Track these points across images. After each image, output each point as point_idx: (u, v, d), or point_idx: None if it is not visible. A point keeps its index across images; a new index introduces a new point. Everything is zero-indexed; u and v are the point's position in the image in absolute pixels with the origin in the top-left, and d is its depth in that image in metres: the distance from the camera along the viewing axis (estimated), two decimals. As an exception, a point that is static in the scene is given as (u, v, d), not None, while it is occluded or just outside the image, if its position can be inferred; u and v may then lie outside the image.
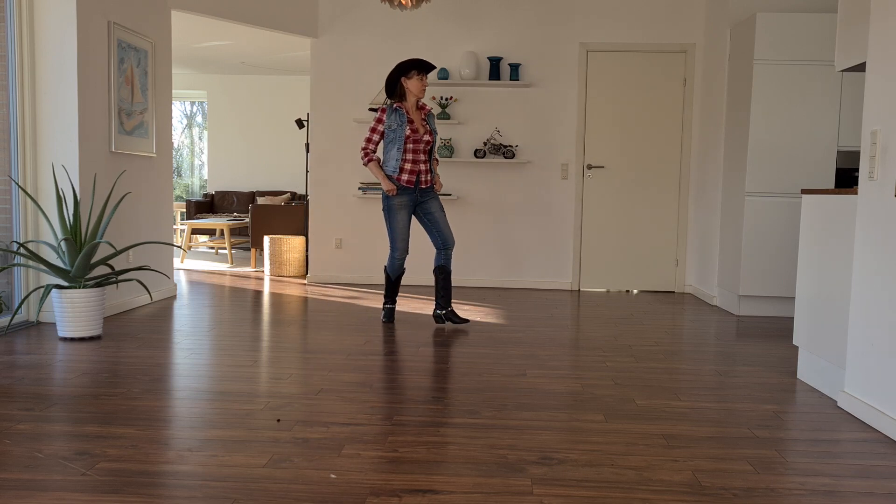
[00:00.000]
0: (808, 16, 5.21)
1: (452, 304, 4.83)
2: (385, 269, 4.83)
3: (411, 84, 4.60)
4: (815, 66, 5.23)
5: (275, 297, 5.94)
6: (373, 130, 4.62)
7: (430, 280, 6.74)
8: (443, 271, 4.73)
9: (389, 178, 4.61)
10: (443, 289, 4.74)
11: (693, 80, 6.52)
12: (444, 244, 4.73)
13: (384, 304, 4.90)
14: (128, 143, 5.15)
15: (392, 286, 4.86)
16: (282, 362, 3.71)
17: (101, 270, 4.83)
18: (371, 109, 6.61)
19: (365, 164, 4.64)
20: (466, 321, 4.80)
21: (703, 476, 2.32)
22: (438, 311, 4.77)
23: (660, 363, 3.86)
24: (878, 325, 2.87)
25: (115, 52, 4.94)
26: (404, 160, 4.60)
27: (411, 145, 4.59)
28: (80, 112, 4.59)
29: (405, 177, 4.61)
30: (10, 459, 2.35)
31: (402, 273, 4.83)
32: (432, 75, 6.66)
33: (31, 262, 4.51)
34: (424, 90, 4.70)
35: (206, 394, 3.12)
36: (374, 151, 4.64)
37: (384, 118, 4.61)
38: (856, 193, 3.13)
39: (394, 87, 4.64)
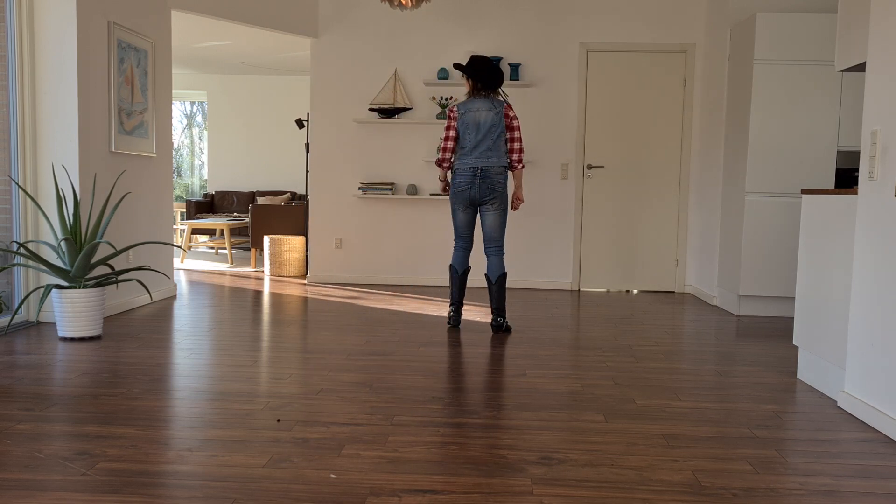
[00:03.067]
0: (808, 16, 5.21)
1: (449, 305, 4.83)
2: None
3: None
4: (815, 66, 5.23)
5: (275, 297, 5.94)
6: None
7: (432, 280, 6.74)
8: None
9: None
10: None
11: (693, 80, 6.52)
12: None
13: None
14: (128, 143, 5.15)
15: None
16: (282, 362, 3.71)
17: (101, 270, 4.83)
18: (371, 109, 6.62)
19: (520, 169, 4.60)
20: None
21: (703, 476, 2.32)
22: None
23: (660, 363, 3.86)
24: (877, 325, 2.87)
25: (115, 52, 4.94)
26: None
27: None
28: (80, 112, 4.59)
29: None
30: (10, 459, 2.35)
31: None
32: (432, 75, 6.66)
33: (31, 262, 4.51)
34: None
35: (206, 394, 3.12)
36: None
37: None
38: (856, 193, 3.13)
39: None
